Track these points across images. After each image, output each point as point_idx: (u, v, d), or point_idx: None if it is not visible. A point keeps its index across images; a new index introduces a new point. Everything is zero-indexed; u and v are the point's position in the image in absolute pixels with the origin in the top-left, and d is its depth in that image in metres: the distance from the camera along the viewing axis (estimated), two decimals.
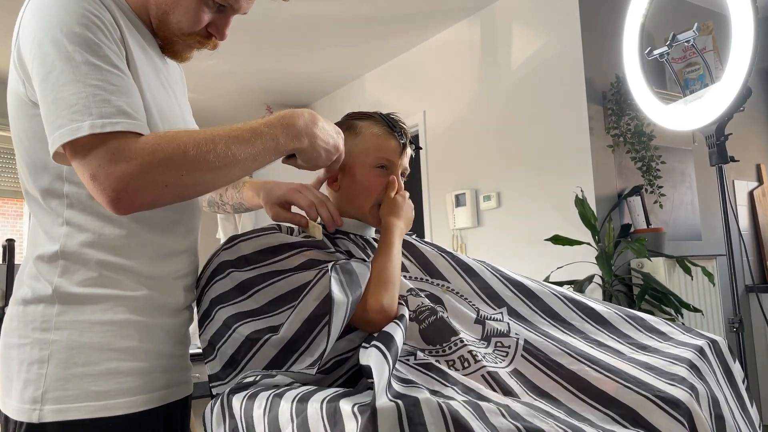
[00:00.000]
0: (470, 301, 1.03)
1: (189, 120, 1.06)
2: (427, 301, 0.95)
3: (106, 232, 0.88)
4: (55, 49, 0.79)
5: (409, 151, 1.10)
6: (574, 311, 1.02)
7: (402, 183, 1.09)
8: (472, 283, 1.06)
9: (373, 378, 0.70)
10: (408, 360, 0.85)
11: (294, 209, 1.08)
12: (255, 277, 0.94)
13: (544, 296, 1.04)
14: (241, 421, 0.78)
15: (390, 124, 1.08)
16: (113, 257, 0.88)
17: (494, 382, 0.83)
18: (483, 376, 0.85)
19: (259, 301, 0.92)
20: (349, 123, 1.09)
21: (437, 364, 0.84)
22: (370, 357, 0.77)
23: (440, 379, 0.80)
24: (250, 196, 1.14)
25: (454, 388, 0.79)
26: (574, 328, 0.98)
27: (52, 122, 0.79)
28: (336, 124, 1.07)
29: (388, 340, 0.81)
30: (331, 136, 0.95)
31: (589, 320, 1.00)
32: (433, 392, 0.75)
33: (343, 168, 1.06)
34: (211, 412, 0.84)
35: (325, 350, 0.84)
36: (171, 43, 0.97)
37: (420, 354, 0.87)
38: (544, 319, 1.00)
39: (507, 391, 0.82)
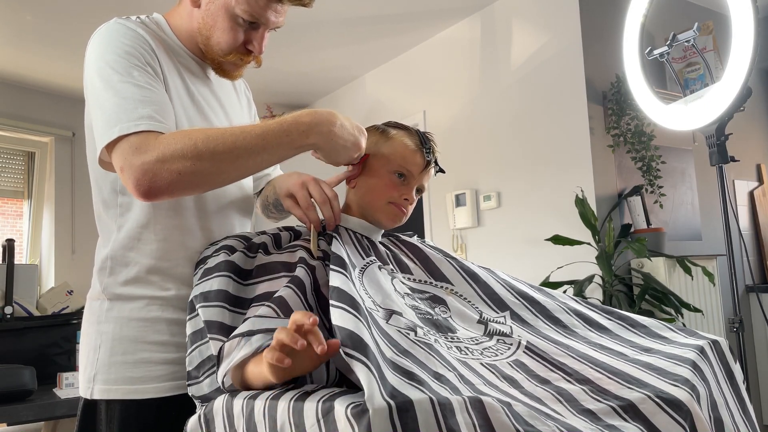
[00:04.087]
0: (473, 304, 1.04)
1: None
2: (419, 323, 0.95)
3: (144, 237, 1.03)
4: (98, 75, 0.96)
5: (431, 171, 1.13)
6: (577, 320, 1.03)
7: (414, 197, 1.10)
8: (476, 288, 1.07)
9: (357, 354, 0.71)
10: (408, 335, 0.85)
11: None
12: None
13: (548, 306, 1.05)
14: (223, 419, 0.82)
15: (422, 140, 1.11)
16: (149, 260, 1.03)
17: (494, 368, 0.84)
18: (483, 364, 0.85)
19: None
20: (383, 128, 1.13)
21: (437, 346, 0.85)
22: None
23: (441, 361, 0.81)
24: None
25: (455, 372, 0.79)
26: (578, 334, 0.99)
27: (97, 133, 0.95)
28: (371, 126, 1.12)
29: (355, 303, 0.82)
30: (350, 134, 1.01)
31: (592, 329, 1.01)
32: (437, 375, 0.76)
33: (365, 167, 1.09)
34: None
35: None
36: (219, 64, 1.10)
37: (420, 331, 0.88)
38: (547, 324, 1.01)
39: (507, 377, 0.82)
